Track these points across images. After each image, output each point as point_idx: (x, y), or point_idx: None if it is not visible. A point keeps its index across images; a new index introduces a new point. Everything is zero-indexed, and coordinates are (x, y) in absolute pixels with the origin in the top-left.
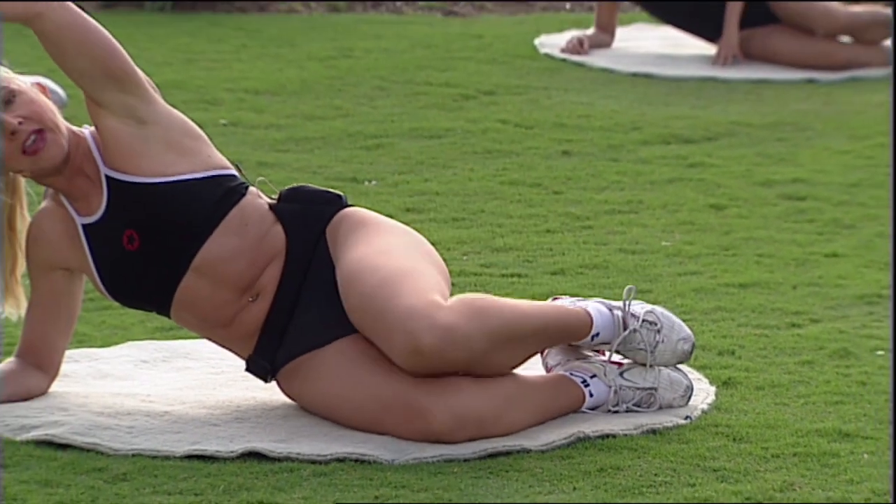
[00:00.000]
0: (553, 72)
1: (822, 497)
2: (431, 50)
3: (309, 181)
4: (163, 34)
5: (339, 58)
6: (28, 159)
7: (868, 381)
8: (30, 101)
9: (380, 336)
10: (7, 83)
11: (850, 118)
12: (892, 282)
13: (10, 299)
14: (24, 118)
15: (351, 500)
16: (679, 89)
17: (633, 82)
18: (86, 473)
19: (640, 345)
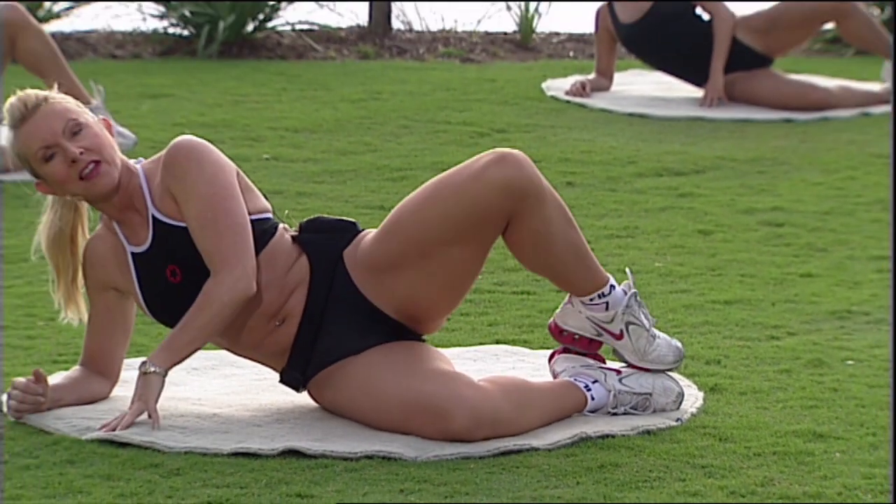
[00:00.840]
0: (558, 112)
1: (799, 491)
2: (450, 93)
3: (341, 209)
4: (213, 79)
5: (369, 100)
6: (82, 184)
7: (839, 388)
8: (94, 134)
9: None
10: (77, 116)
11: (822, 154)
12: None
13: (71, 307)
14: (85, 149)
15: (378, 493)
16: (670, 128)
17: (630, 121)
18: (143, 469)
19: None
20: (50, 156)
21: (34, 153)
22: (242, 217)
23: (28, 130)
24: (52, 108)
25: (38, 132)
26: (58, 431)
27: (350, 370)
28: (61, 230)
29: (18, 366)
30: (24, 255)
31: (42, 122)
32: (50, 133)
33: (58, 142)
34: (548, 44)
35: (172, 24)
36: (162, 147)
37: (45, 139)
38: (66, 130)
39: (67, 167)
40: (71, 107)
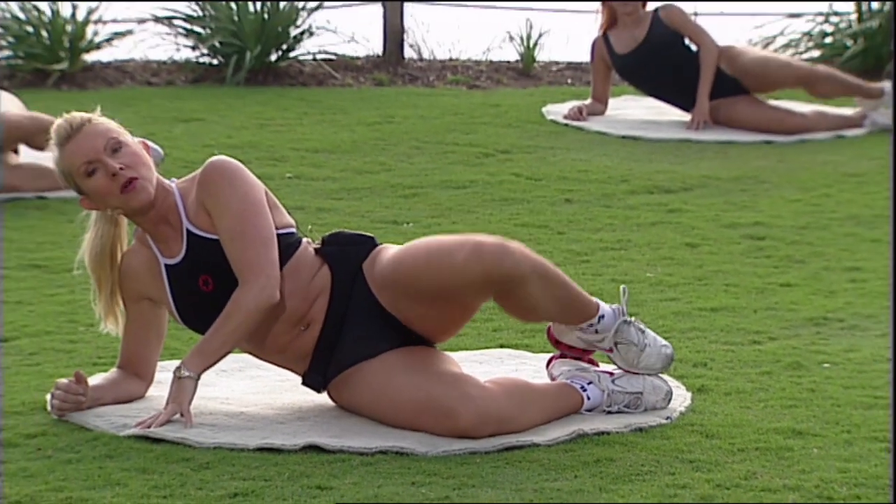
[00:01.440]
0: (557, 134)
1: (780, 484)
2: (458, 116)
3: (358, 224)
4: (240, 104)
5: (383, 123)
6: (121, 197)
7: (816, 389)
8: (133, 153)
9: (442, 265)
10: (118, 136)
11: (799, 173)
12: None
13: (110, 318)
14: (125, 166)
15: (392, 485)
16: (660, 149)
17: (623, 143)
18: (176, 462)
19: (632, 339)
20: (92, 171)
21: (77, 168)
22: (269, 231)
23: (72, 148)
24: (94, 128)
25: (82, 149)
26: (97, 428)
27: (367, 373)
28: (103, 247)
29: (61, 367)
30: (67, 266)
31: (85, 140)
32: (92, 150)
33: (99, 157)
34: (547, 72)
35: (203, 53)
36: (193, 166)
37: (88, 155)
38: (108, 148)
39: (108, 181)
40: (112, 127)
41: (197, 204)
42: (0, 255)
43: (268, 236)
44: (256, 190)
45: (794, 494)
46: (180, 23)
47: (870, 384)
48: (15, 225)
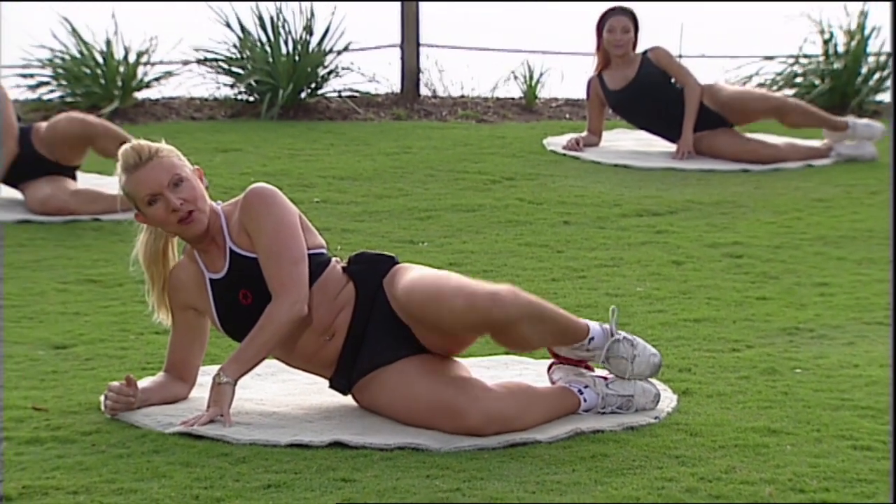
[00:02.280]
0: (556, 163)
1: (757, 477)
2: (468, 147)
3: (379, 244)
4: (273, 136)
5: (401, 153)
6: (177, 226)
7: (789, 392)
8: (192, 187)
9: (442, 307)
10: (180, 171)
11: (773, 198)
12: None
13: (162, 309)
14: (184, 200)
15: (409, 478)
16: (649, 176)
17: (615, 171)
18: (215, 457)
19: (622, 353)
20: (154, 201)
21: (141, 197)
22: (301, 252)
23: (139, 177)
24: (160, 162)
25: (147, 181)
26: (145, 426)
27: (386, 377)
28: (155, 247)
29: (114, 372)
30: (120, 281)
31: (151, 173)
32: (157, 184)
33: (162, 192)
34: (548, 107)
35: (241, 91)
36: (231, 192)
37: (152, 188)
38: (170, 183)
39: (167, 213)
40: (175, 161)
41: (239, 226)
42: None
43: (299, 256)
44: (291, 214)
45: (770, 487)
46: (221, 64)
47: (837, 388)
48: (73, 244)
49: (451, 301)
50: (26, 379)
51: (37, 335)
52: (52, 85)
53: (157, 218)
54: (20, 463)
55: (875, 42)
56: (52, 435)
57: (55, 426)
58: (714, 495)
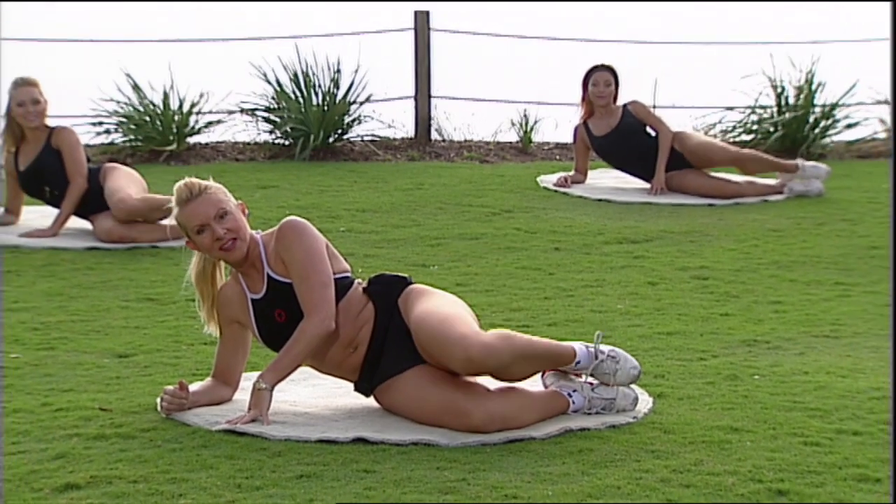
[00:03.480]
0: (548, 198)
1: (721, 469)
2: (472, 184)
3: (395, 267)
4: (306, 174)
5: (414, 189)
6: (221, 253)
7: (749, 395)
8: (234, 219)
9: (444, 353)
10: (225, 205)
11: (734, 229)
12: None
13: (211, 323)
14: (228, 230)
15: (421, 469)
16: (628, 210)
17: (599, 205)
18: (255, 451)
19: (605, 370)
20: (202, 230)
21: (191, 227)
22: (328, 276)
23: (190, 210)
24: (208, 198)
25: (197, 214)
26: (195, 424)
27: (402, 382)
28: (205, 269)
29: (168, 377)
30: (174, 299)
31: (200, 207)
32: (205, 216)
33: (209, 223)
34: (541, 150)
35: (278, 136)
36: (270, 223)
37: (201, 219)
38: (216, 215)
39: (213, 241)
40: (221, 196)
41: (275, 254)
42: (120, 291)
43: (326, 280)
44: (319, 243)
45: (733, 477)
46: (261, 113)
47: (790, 392)
48: (133, 267)
49: (451, 351)
50: (94, 384)
51: (103, 346)
52: (118, 132)
53: (204, 245)
54: (88, 456)
55: (820, 96)
56: (115, 432)
57: (118, 424)
58: (684, 485)
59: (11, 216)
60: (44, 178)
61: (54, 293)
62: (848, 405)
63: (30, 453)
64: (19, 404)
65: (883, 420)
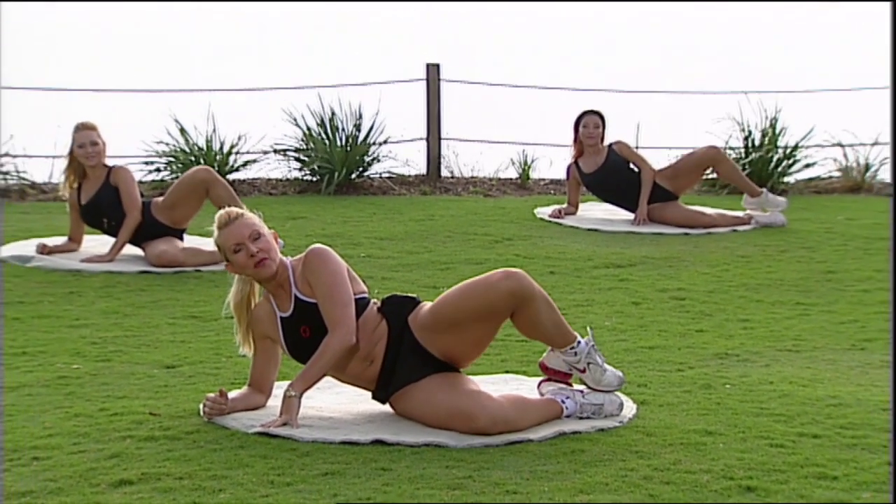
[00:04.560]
0: (544, 227)
1: (697, 468)
2: (477, 215)
3: (409, 288)
4: (331, 207)
5: (426, 220)
6: (253, 270)
7: (721, 402)
8: (266, 241)
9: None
10: (259, 229)
11: (707, 255)
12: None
13: (245, 345)
14: (260, 249)
15: (432, 467)
16: (614, 238)
17: (589, 234)
18: (286, 451)
19: (598, 362)
20: (238, 249)
21: (229, 247)
22: (349, 296)
23: (228, 232)
24: (244, 222)
25: (234, 235)
26: (233, 427)
27: (414, 391)
28: (242, 296)
29: (210, 386)
30: (215, 317)
31: (237, 229)
32: (241, 236)
33: (244, 242)
34: (538, 185)
35: (306, 173)
36: (299, 249)
37: (237, 239)
38: (251, 236)
39: (247, 258)
40: (255, 221)
41: (302, 277)
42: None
43: (347, 300)
44: (341, 268)
45: (707, 475)
46: (291, 153)
47: (757, 399)
48: (179, 288)
49: (490, 278)
50: (144, 391)
51: (152, 358)
52: (167, 170)
53: (240, 262)
54: (139, 455)
55: (782, 139)
56: (163, 434)
57: (166, 427)
58: (665, 482)
59: (74, 244)
60: (103, 211)
61: (110, 311)
62: (808, 411)
63: (88, 453)
64: (79, 409)
65: (839, 424)
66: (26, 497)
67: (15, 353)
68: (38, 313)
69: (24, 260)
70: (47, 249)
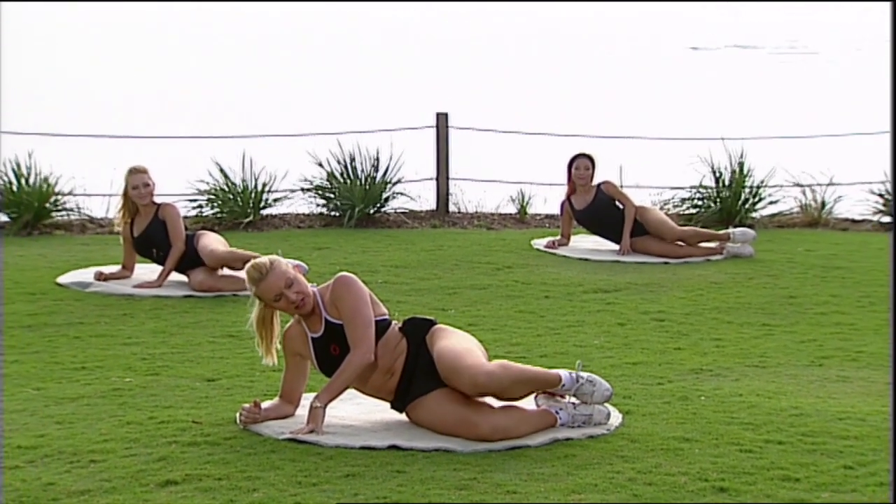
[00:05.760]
0: (540, 257)
1: (675, 470)
2: (481, 246)
3: (422, 311)
4: (352, 238)
5: (436, 249)
6: (298, 312)
7: (698, 413)
8: (299, 284)
9: (457, 379)
10: (290, 274)
11: (684, 281)
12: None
13: (268, 357)
14: (297, 293)
15: (442, 469)
16: (601, 266)
17: (579, 262)
18: (311, 455)
19: (585, 391)
20: (279, 299)
21: (269, 298)
22: (369, 319)
23: (264, 287)
24: (275, 273)
25: (271, 288)
26: (265, 434)
27: (427, 402)
28: (263, 316)
29: (245, 397)
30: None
31: (272, 282)
32: (277, 288)
33: (282, 293)
34: (534, 219)
35: (330, 209)
36: (324, 276)
37: (275, 292)
38: (286, 285)
39: (289, 305)
40: (284, 268)
41: (331, 302)
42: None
43: (368, 322)
44: (364, 293)
45: (685, 477)
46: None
47: (728, 410)
48: (218, 310)
49: (462, 378)
50: (188, 402)
51: (195, 372)
52: (208, 206)
53: (282, 308)
54: (183, 458)
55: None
56: (204, 439)
57: (206, 433)
58: (647, 483)
59: (127, 272)
60: (152, 242)
61: (158, 331)
62: (773, 420)
63: (138, 456)
64: (131, 418)
65: (801, 432)
66: (84, 495)
67: (75, 367)
68: (95, 332)
69: (84, 286)
70: (104, 276)
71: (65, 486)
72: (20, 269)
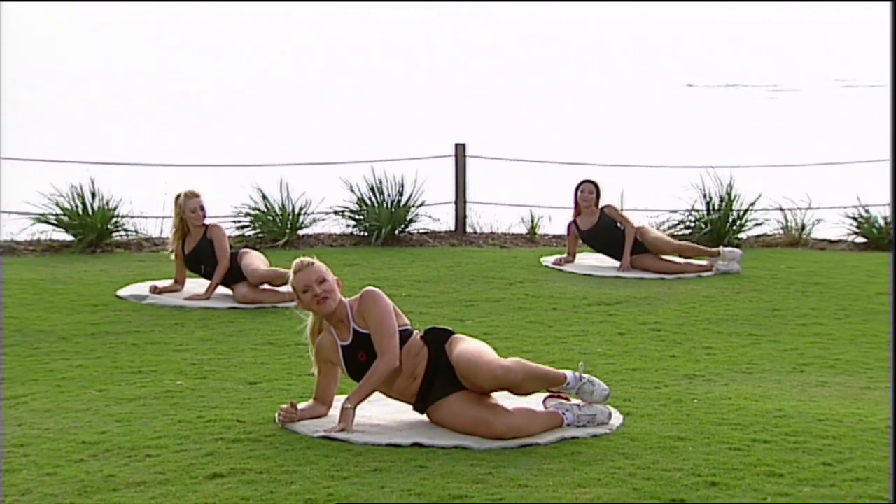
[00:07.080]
0: (548, 273)
1: (671, 466)
2: (495, 263)
3: (441, 321)
4: (378, 256)
5: (454, 266)
6: (317, 307)
7: (691, 414)
8: (329, 284)
9: (476, 374)
10: (324, 275)
11: (679, 294)
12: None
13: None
14: (323, 290)
15: (460, 465)
16: (604, 281)
17: (584, 278)
18: (343, 452)
19: (585, 390)
20: (306, 290)
21: (299, 288)
22: (394, 329)
23: (299, 277)
24: (312, 269)
25: (303, 279)
26: (301, 432)
27: (447, 403)
28: (313, 328)
29: (284, 399)
30: (287, 343)
31: (306, 275)
32: (309, 280)
33: (311, 286)
34: (543, 239)
35: (359, 229)
36: (354, 290)
37: (306, 283)
38: (317, 281)
39: (312, 297)
40: (322, 269)
41: (359, 313)
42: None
43: (393, 332)
44: (389, 305)
45: (679, 472)
46: (348, 213)
47: (719, 412)
48: (260, 321)
49: (481, 371)
50: (232, 403)
51: (238, 376)
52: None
53: (307, 301)
54: (229, 454)
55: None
56: (247, 437)
57: (248, 431)
58: (646, 478)
59: (178, 286)
60: (201, 259)
61: (206, 339)
62: (760, 421)
63: (188, 451)
64: (182, 417)
65: (784, 432)
66: (141, 486)
67: (132, 371)
68: (150, 340)
69: (140, 298)
70: (158, 290)
71: (124, 477)
72: (84, 284)
